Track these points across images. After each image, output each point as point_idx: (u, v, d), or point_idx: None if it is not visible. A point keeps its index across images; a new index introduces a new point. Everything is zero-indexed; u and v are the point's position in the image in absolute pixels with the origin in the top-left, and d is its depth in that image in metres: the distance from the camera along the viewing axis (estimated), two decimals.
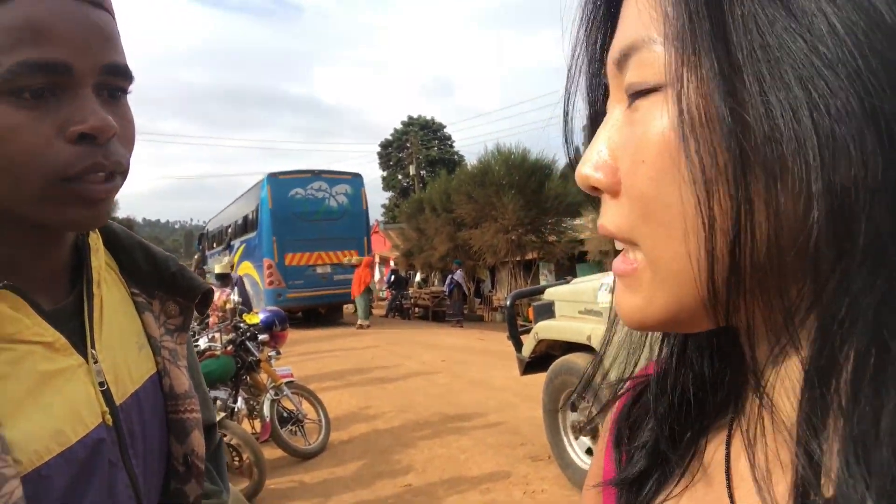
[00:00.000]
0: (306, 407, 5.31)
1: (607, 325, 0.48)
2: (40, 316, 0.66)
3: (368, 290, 15.13)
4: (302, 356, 9.82)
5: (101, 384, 0.70)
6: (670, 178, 0.33)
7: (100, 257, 0.77)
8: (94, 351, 0.71)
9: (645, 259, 0.36)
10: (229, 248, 19.19)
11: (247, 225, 17.51)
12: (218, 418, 3.85)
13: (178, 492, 0.80)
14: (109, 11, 0.67)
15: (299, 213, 15.58)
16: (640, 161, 0.34)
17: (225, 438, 4.20)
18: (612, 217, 0.38)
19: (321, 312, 16.61)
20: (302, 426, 5.15)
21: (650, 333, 0.47)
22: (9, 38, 0.57)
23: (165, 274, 0.84)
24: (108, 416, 0.70)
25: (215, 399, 4.91)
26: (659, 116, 0.33)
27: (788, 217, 0.30)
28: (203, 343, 5.26)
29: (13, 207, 0.62)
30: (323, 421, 5.24)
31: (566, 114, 0.44)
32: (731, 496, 0.38)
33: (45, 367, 0.65)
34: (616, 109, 0.38)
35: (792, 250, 0.30)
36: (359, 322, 14.78)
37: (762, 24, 0.29)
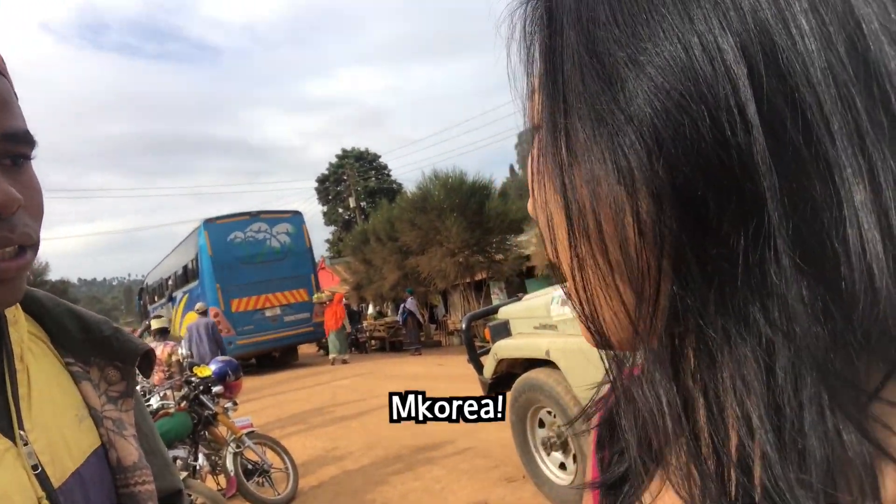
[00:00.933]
0: (271, 456, 5.15)
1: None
2: None
3: (343, 327, 14.93)
4: (261, 403, 9.54)
5: (35, 467, 0.65)
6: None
7: (20, 329, 0.72)
8: (22, 432, 0.66)
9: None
10: (171, 300, 18.60)
11: (187, 275, 17.05)
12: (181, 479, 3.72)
13: None
14: (4, 74, 0.64)
15: (241, 256, 15.28)
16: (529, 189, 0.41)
17: (190, 498, 4.03)
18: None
19: (275, 356, 16.22)
20: (269, 476, 4.99)
21: None
22: None
23: (99, 338, 0.80)
24: (46, 502, 0.65)
25: (175, 458, 4.72)
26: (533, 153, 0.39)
27: (611, 235, 0.34)
28: (155, 402, 5.06)
29: None
30: (290, 468, 5.10)
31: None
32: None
33: None
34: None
35: (621, 262, 0.34)
36: (339, 357, 14.56)
37: (584, 73, 0.34)
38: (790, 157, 0.28)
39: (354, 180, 37.28)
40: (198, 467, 4.86)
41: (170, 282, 19.34)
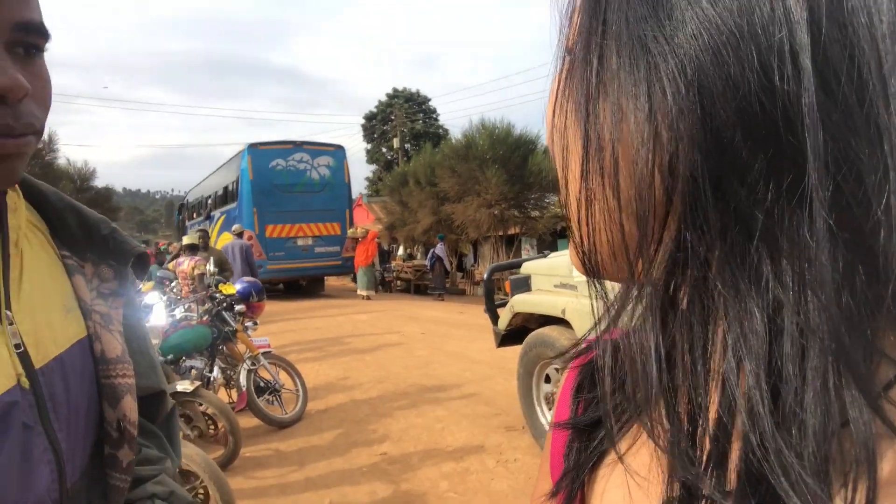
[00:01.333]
0: (283, 377, 5.32)
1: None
2: None
3: (372, 264, 15.18)
4: (281, 327, 9.81)
5: (18, 346, 0.68)
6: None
7: (19, 217, 0.74)
8: (9, 312, 0.68)
9: None
10: (209, 218, 19.01)
11: (227, 196, 17.34)
12: (193, 387, 3.85)
13: (111, 457, 0.78)
14: None
15: (280, 184, 15.45)
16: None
17: (200, 408, 4.19)
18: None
19: (302, 284, 16.58)
20: (279, 396, 5.16)
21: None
22: None
23: (97, 237, 0.82)
24: (24, 379, 0.67)
25: (191, 368, 4.91)
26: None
27: (626, 165, 0.32)
28: (179, 313, 5.25)
29: None
30: (300, 390, 5.27)
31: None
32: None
33: None
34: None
35: (631, 195, 0.32)
36: (365, 293, 14.82)
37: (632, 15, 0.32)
38: (840, 114, 0.26)
39: (401, 121, 37.10)
40: (212, 379, 5.05)
41: (209, 201, 19.73)
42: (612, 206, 0.33)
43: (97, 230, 0.82)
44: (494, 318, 4.70)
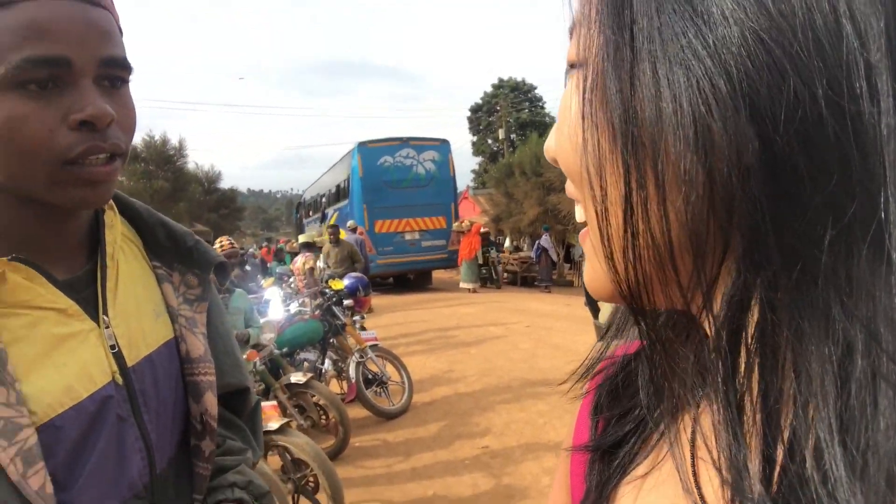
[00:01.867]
0: (390, 370, 5.51)
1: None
2: (54, 285, 0.74)
3: (475, 257, 15.34)
4: (389, 320, 10.13)
5: (113, 347, 0.78)
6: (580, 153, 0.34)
7: (115, 232, 0.84)
8: (105, 317, 0.78)
9: (588, 227, 0.38)
10: (324, 216, 19.87)
11: (339, 193, 18.05)
12: (306, 379, 4.07)
13: (195, 447, 0.88)
14: (108, 9, 0.73)
15: (388, 180, 15.86)
16: (564, 134, 0.36)
17: (313, 398, 4.43)
18: (568, 182, 0.39)
19: (410, 278, 16.97)
20: (386, 388, 5.35)
21: None
22: (15, 37, 0.65)
23: (183, 248, 0.91)
24: (118, 376, 0.77)
25: (304, 360, 5.20)
26: (575, 91, 0.34)
27: (675, 199, 0.30)
28: (294, 307, 5.57)
29: (26, 189, 0.70)
30: (406, 383, 5.42)
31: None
32: (695, 476, 0.38)
33: (58, 331, 0.74)
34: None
35: (683, 232, 0.30)
36: (470, 286, 15.02)
37: (662, 8, 0.29)
38: None
39: (506, 111, 36.92)
40: (323, 371, 5.33)
41: (323, 199, 20.62)
42: (660, 240, 0.31)
43: (183, 242, 0.92)
44: (595, 312, 4.62)
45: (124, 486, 0.77)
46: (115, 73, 0.73)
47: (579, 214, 0.40)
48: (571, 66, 0.36)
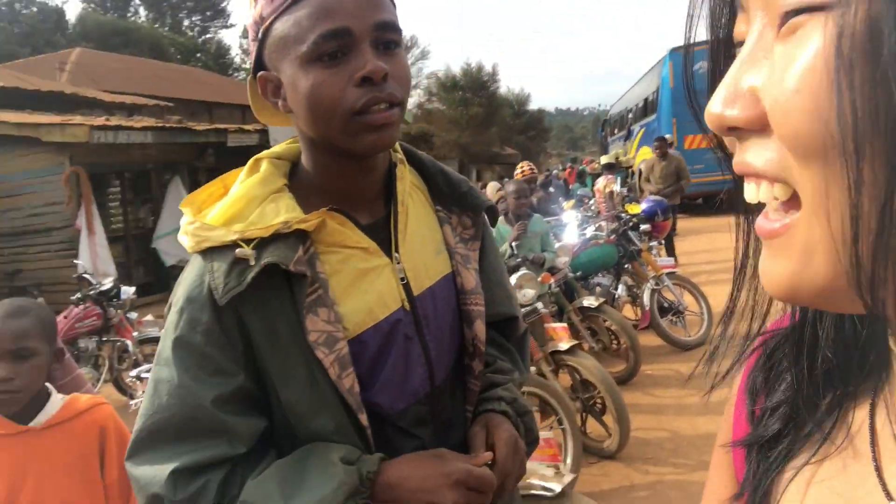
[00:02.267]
0: (688, 299, 5.27)
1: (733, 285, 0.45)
2: (359, 229, 0.93)
3: None
4: (694, 245, 9.58)
5: (402, 279, 0.95)
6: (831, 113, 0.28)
7: (405, 183, 0.99)
8: (397, 254, 0.95)
9: (804, 212, 0.31)
10: (629, 133, 19.23)
11: (646, 108, 17.19)
12: (598, 303, 4.17)
13: (467, 366, 1.03)
14: None
15: (702, 89, 14.30)
16: (795, 91, 0.29)
17: (605, 323, 4.51)
18: (758, 153, 0.33)
19: (722, 199, 15.60)
20: (682, 317, 5.16)
21: None
22: (310, 20, 0.82)
23: (458, 193, 1.05)
24: (406, 303, 0.94)
25: (597, 285, 5.27)
26: (823, 38, 0.28)
27: None
28: (589, 232, 5.64)
29: (331, 140, 0.87)
30: (705, 314, 5.13)
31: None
32: (878, 470, 0.36)
33: (362, 265, 0.92)
34: (757, 31, 0.33)
35: None
36: None
37: None
38: None
39: None
40: (617, 296, 5.34)
41: (629, 115, 19.85)
42: None
43: (459, 187, 1.05)
44: None
45: (410, 393, 0.95)
46: (387, 36, 0.84)
47: (752, 193, 0.34)
48: (798, 10, 0.29)
